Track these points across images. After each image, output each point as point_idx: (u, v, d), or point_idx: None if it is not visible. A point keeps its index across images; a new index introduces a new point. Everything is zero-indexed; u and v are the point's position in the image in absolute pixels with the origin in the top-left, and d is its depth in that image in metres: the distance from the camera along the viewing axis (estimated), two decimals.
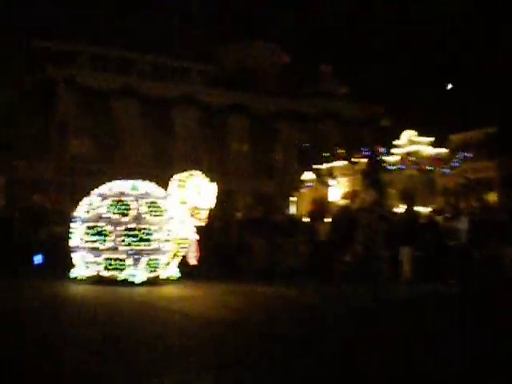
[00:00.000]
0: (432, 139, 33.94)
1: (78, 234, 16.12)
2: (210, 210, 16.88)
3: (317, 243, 20.45)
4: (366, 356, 7.12)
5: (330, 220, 21.85)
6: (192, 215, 16.38)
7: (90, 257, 15.88)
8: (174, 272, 16.67)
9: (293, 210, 40.42)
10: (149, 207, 15.78)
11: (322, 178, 37.87)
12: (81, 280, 15.95)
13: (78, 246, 16.13)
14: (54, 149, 38.38)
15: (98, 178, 37.95)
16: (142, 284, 15.28)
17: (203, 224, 16.75)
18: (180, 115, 41.41)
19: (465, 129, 47.05)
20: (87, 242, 15.84)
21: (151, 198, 16.09)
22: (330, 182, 37.28)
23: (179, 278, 16.56)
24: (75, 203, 18.64)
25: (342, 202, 35.55)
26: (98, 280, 15.62)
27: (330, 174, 37.99)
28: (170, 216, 15.97)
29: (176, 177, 16.82)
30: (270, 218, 23.63)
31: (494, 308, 12.42)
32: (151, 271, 15.76)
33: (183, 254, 16.48)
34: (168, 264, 16.09)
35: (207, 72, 45.87)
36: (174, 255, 16.15)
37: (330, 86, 47.40)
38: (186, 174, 16.78)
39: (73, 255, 16.29)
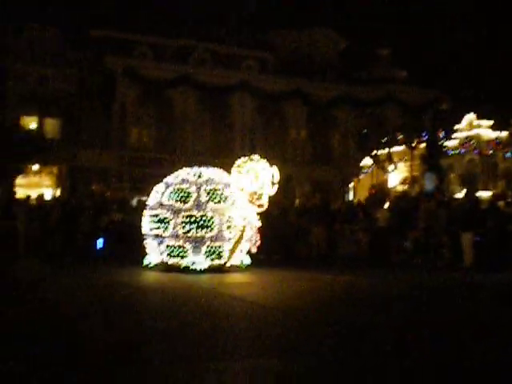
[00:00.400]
0: (492, 122, 33.32)
1: (145, 222, 16.23)
2: (270, 197, 16.48)
3: (376, 230, 20.35)
4: (419, 344, 7.10)
5: (388, 206, 21.71)
6: (250, 201, 16.02)
7: (155, 244, 15.96)
8: (243, 259, 16.30)
9: (351, 196, 40.24)
10: (210, 194, 15.54)
11: (381, 163, 37.61)
12: (150, 267, 15.97)
13: (146, 234, 16.23)
14: (115, 138, 38.95)
15: (157, 167, 38.82)
16: (205, 271, 15.14)
17: (262, 210, 16.32)
18: (238, 103, 41.55)
19: None
20: (152, 229, 15.92)
21: (213, 184, 15.79)
22: (389, 167, 37.00)
23: (247, 265, 16.19)
24: (135, 192, 19.00)
25: (401, 188, 35.29)
26: (165, 267, 15.62)
27: (389, 159, 37.68)
28: (232, 202, 15.65)
29: (236, 162, 16.49)
30: (328, 205, 23.61)
31: None
32: (214, 258, 15.51)
33: (246, 241, 16.01)
34: (233, 251, 15.71)
35: (264, 59, 45.85)
36: (237, 242, 15.73)
37: (388, 71, 46.88)
38: (244, 159, 16.45)
39: (144, 242, 16.36)
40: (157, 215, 15.82)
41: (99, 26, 41.06)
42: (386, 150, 38.00)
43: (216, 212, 15.36)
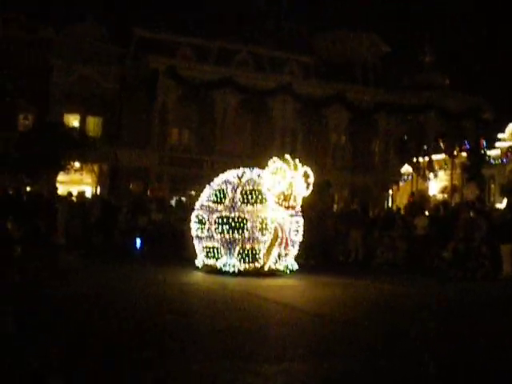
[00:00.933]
0: None
1: (192, 223, 16.22)
2: (305, 199, 15.97)
3: (414, 238, 20.21)
4: (452, 354, 7.07)
5: (428, 214, 21.54)
6: (277, 203, 15.22)
7: (197, 245, 16.09)
8: (290, 264, 15.81)
9: (390, 203, 40.07)
10: (246, 195, 15.20)
11: (421, 171, 37.40)
12: (200, 268, 15.91)
13: (194, 235, 16.24)
14: (155, 138, 39.22)
15: (197, 168, 39.02)
16: (241, 274, 14.78)
17: (292, 213, 15.52)
18: (278, 106, 41.55)
19: None
20: (196, 230, 15.97)
21: (252, 185, 15.40)
22: (429, 175, 36.78)
23: (291, 270, 15.62)
24: (174, 192, 19.11)
25: (441, 197, 35.04)
26: (208, 269, 15.57)
27: (430, 167, 37.48)
28: (268, 204, 15.18)
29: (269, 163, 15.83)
30: (367, 211, 23.50)
31: None
32: (249, 261, 15.15)
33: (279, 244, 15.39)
34: (268, 254, 15.23)
35: (306, 63, 45.83)
36: (272, 245, 15.21)
37: (431, 77, 46.51)
38: (275, 158, 15.77)
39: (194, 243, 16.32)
40: (198, 216, 15.90)
41: (142, 25, 41.42)
42: (427, 157, 37.79)
43: (250, 214, 15.05)
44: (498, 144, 33.20)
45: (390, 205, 39.53)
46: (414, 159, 38.66)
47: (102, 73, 39.46)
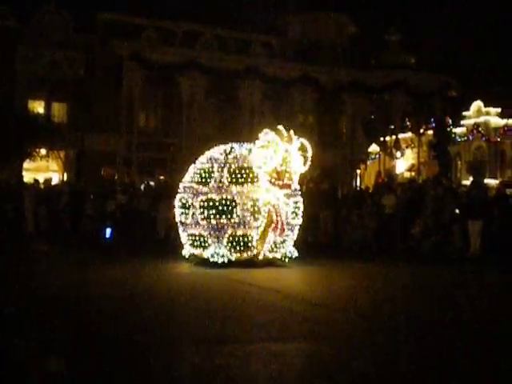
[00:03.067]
0: (500, 110, 33.25)
1: (176, 208, 14.41)
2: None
3: (383, 216, 20.33)
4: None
5: (396, 193, 21.68)
6: (270, 181, 13.33)
7: (182, 232, 14.37)
8: (289, 251, 14.11)
9: (358, 182, 40.25)
10: (234, 174, 13.34)
11: (388, 150, 37.60)
12: (187, 258, 14.30)
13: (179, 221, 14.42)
14: (122, 123, 38.92)
15: (165, 152, 38.83)
16: (230, 265, 13.19)
17: (288, 192, 13.75)
18: (245, 88, 41.41)
19: None
20: (179, 215, 14.17)
21: (241, 162, 13.52)
22: (396, 154, 36.98)
23: (290, 258, 14.02)
24: (143, 176, 18.83)
25: (409, 175, 35.30)
26: (195, 260, 14.10)
27: (397, 145, 37.69)
28: (259, 183, 13.36)
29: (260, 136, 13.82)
30: (336, 191, 23.57)
31: None
32: (240, 250, 13.38)
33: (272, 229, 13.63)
34: (262, 241, 13.48)
35: (273, 44, 45.71)
36: (265, 231, 13.42)
37: (397, 57, 46.66)
38: (265, 130, 13.82)
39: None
40: (181, 200, 14.08)
41: (106, 10, 41.00)
42: (394, 136, 38.00)
43: (239, 195, 13.19)
44: (463, 121, 33.44)
45: (358, 184, 39.73)
46: (382, 138, 38.82)
47: (68, 59, 39.07)
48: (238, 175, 13.31)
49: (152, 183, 27.70)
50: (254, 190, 13.28)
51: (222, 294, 9.96)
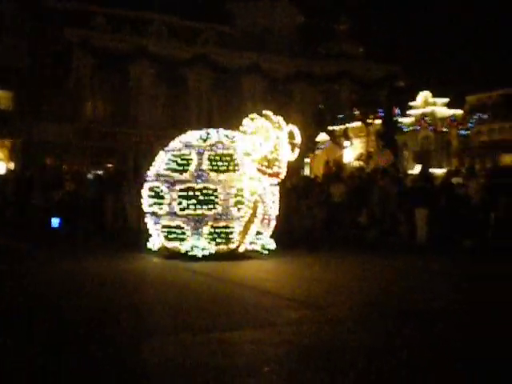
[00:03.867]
0: (447, 100, 33.74)
1: (144, 197, 13.49)
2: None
3: (331, 205, 20.51)
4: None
5: (344, 182, 21.88)
6: (260, 170, 12.70)
7: (152, 224, 13.36)
8: (266, 243, 13.28)
9: (307, 171, 40.44)
10: (214, 161, 12.60)
11: (337, 139, 37.86)
12: (153, 251, 13.42)
13: (146, 211, 13.52)
14: (70, 111, 38.46)
15: (113, 140, 38.50)
16: (210, 258, 12.46)
17: (277, 181, 13.29)
18: (194, 76, 41.29)
19: (481, 90, 46.74)
20: (149, 205, 13.23)
21: (221, 149, 12.77)
22: (345, 143, 37.27)
23: (268, 250, 13.21)
24: (91, 166, 18.56)
25: (357, 164, 35.59)
26: (167, 253, 13.35)
27: (345, 135, 37.96)
28: (243, 172, 12.64)
29: (244, 122, 13.42)
30: (285, 180, 23.65)
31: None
32: (221, 242, 12.68)
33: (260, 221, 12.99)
34: (245, 233, 12.76)
35: (222, 32, 45.61)
36: (249, 222, 12.76)
37: (345, 47, 47.01)
38: (252, 115, 13.46)
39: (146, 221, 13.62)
40: (152, 188, 13.09)
41: None
42: (342, 125, 38.27)
43: (222, 184, 12.41)
44: (411, 111, 33.82)
45: (307, 173, 39.94)
46: (330, 127, 39.04)
47: (15, 46, 38.38)
48: (219, 163, 12.55)
49: (100, 172, 27.45)
50: (237, 178, 12.52)
51: (184, 287, 9.78)
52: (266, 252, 13.20)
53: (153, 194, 13.05)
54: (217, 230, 12.53)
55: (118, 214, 21.21)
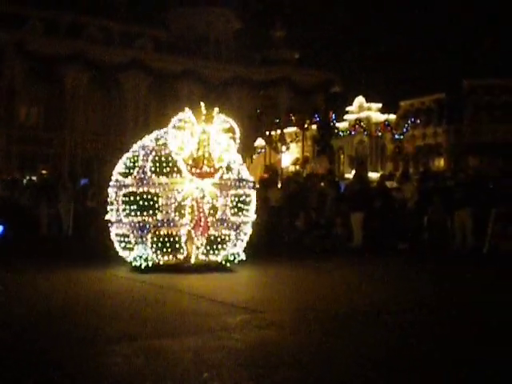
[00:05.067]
0: (381, 105, 34.32)
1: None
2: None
3: (268, 210, 20.60)
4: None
5: (281, 186, 22.01)
6: (189, 170, 11.30)
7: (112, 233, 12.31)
8: (235, 253, 11.99)
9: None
10: (158, 163, 11.37)
11: (274, 144, 38.06)
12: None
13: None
14: (2, 116, 37.71)
15: (47, 146, 37.93)
16: (157, 269, 11.25)
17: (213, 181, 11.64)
18: (131, 81, 41.00)
19: (414, 95, 47.67)
20: (109, 212, 12.26)
21: (167, 150, 11.41)
22: (282, 148, 37.48)
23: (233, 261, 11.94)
24: (25, 171, 18.21)
25: (293, 168, 35.85)
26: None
27: (282, 140, 38.18)
28: (185, 174, 11.37)
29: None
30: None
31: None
32: (168, 252, 11.33)
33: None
34: (190, 241, 11.47)
35: (158, 37, 45.41)
36: (193, 229, 11.49)
37: (281, 53, 47.37)
38: (187, 109, 11.74)
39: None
40: (109, 194, 12.12)
41: None
42: (279, 130, 38.50)
43: (163, 187, 11.26)
44: (346, 116, 34.30)
45: None
46: (267, 132, 39.24)
47: None
48: (164, 164, 11.30)
49: (34, 178, 27.01)
50: (179, 181, 11.31)
51: (124, 296, 9.52)
52: (228, 264, 11.77)
53: (108, 200, 12.12)
54: (160, 239, 11.25)
55: (52, 222, 20.96)
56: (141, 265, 11.25)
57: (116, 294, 9.67)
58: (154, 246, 11.25)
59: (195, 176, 11.27)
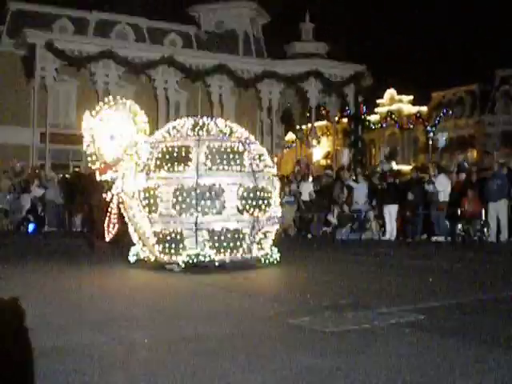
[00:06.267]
0: (413, 97, 34.08)
1: None
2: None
3: (301, 204, 20.58)
4: None
5: (312, 180, 21.98)
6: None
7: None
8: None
9: (276, 170, 40.53)
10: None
11: (304, 138, 38.01)
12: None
13: None
14: (35, 115, 38.06)
15: (78, 144, 38.17)
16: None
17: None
18: (161, 78, 41.11)
19: (446, 86, 47.22)
20: None
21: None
22: (313, 141, 37.42)
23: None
24: (57, 169, 18.32)
25: (325, 162, 35.78)
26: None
27: (313, 133, 38.12)
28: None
29: None
30: None
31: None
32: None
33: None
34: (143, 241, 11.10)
35: (187, 33, 45.48)
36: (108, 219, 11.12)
37: (311, 46, 47.23)
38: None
39: None
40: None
41: None
42: (310, 124, 38.45)
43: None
44: (377, 109, 34.15)
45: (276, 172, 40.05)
46: (298, 126, 39.21)
47: None
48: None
49: (68, 176, 27.27)
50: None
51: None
52: (176, 267, 10.77)
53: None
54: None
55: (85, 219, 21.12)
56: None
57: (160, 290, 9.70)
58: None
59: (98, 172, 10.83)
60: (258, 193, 10.81)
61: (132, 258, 11.46)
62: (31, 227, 20.56)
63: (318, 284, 9.73)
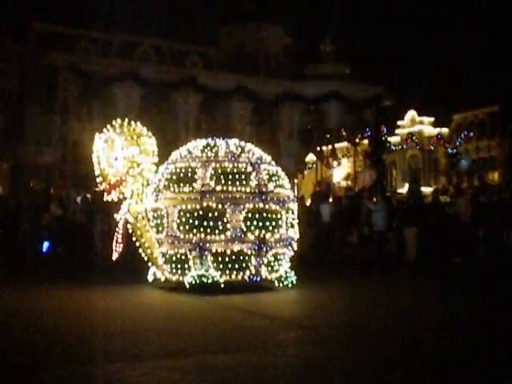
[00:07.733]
0: (433, 119, 33.97)
1: None
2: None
3: (321, 225, 20.47)
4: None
5: (333, 201, 21.89)
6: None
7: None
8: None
9: (296, 191, 40.50)
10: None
11: (325, 159, 37.95)
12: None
13: None
14: (57, 135, 38.35)
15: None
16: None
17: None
18: (182, 99, 41.31)
19: (467, 108, 47.05)
20: None
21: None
22: (333, 163, 37.35)
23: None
24: (79, 189, 18.27)
25: (345, 184, 35.69)
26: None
27: (333, 155, 38.06)
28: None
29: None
30: None
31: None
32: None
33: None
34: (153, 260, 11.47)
35: (208, 55, 45.76)
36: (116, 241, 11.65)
37: (332, 67, 47.29)
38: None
39: None
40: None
41: (41, 19, 40.45)
42: (330, 146, 38.40)
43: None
44: (398, 131, 34.06)
45: (296, 193, 39.98)
46: (318, 148, 39.18)
47: (1, 70, 38.33)
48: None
49: (89, 196, 27.31)
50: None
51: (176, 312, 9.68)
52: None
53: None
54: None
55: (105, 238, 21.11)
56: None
57: (170, 311, 9.72)
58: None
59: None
60: (264, 214, 10.86)
61: (150, 278, 11.88)
62: (45, 246, 20.56)
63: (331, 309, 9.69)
